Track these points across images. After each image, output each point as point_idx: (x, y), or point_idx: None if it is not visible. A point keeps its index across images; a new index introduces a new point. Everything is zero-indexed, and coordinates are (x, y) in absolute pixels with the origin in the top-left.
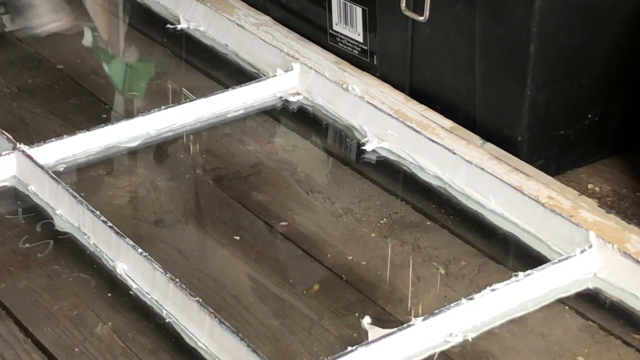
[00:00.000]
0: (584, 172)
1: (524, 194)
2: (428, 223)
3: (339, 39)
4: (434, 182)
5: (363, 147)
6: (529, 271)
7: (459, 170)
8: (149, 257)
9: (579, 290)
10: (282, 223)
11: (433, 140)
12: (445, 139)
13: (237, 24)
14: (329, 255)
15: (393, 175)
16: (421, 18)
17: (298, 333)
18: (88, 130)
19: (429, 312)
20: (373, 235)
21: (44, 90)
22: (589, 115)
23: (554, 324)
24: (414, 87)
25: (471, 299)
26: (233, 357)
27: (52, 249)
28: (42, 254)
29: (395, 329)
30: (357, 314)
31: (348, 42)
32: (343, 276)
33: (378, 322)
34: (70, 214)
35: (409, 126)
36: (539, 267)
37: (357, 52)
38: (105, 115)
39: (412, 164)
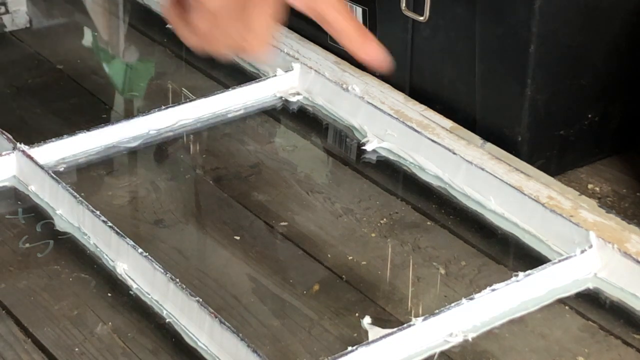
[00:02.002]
0: (584, 172)
1: (524, 194)
2: (428, 223)
3: None
4: (434, 182)
5: (363, 147)
6: (529, 271)
7: (459, 170)
8: (149, 257)
9: (579, 290)
10: (282, 223)
11: (433, 140)
12: (445, 139)
13: None
14: (329, 255)
15: (393, 175)
16: (421, 18)
17: (298, 333)
18: (88, 130)
19: (429, 312)
20: (373, 235)
21: (44, 90)
22: (589, 115)
23: (554, 324)
24: (414, 87)
25: (471, 299)
26: (233, 357)
27: (52, 249)
28: (42, 254)
29: (395, 329)
30: (357, 314)
31: None
32: (343, 276)
33: (378, 322)
34: (70, 214)
35: (409, 126)
36: (539, 267)
37: None
38: (105, 115)
39: (412, 164)
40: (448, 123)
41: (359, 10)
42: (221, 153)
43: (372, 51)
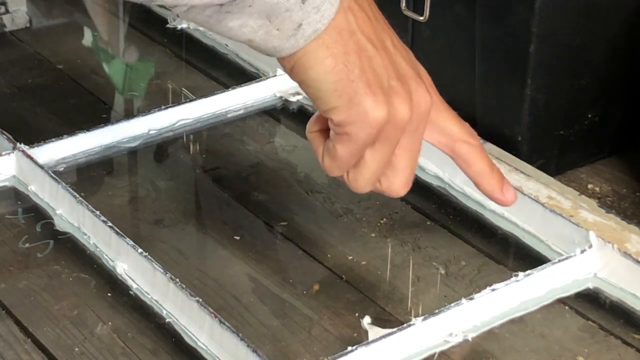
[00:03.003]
0: (584, 172)
1: (524, 194)
2: (428, 223)
3: None
4: (434, 182)
5: None
6: (529, 271)
7: (459, 170)
8: (149, 257)
9: (579, 290)
10: (282, 223)
11: None
12: None
13: None
14: (329, 255)
15: None
16: (421, 18)
17: (298, 333)
18: (88, 130)
19: (429, 312)
20: (373, 235)
21: (44, 90)
22: (589, 115)
23: (554, 324)
24: None
25: (471, 299)
26: (233, 357)
27: (52, 249)
28: (42, 254)
29: (395, 329)
30: (357, 314)
31: None
32: (343, 276)
33: (378, 322)
34: (70, 214)
35: None
36: (539, 267)
37: None
38: (105, 115)
39: None
40: None
41: None
42: (221, 153)
43: (509, 193)
